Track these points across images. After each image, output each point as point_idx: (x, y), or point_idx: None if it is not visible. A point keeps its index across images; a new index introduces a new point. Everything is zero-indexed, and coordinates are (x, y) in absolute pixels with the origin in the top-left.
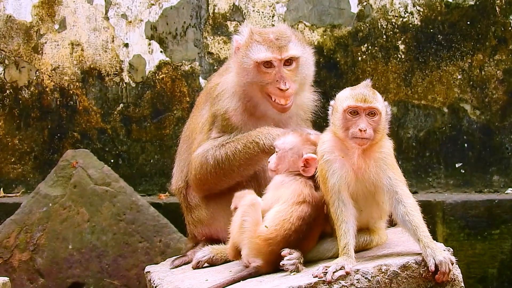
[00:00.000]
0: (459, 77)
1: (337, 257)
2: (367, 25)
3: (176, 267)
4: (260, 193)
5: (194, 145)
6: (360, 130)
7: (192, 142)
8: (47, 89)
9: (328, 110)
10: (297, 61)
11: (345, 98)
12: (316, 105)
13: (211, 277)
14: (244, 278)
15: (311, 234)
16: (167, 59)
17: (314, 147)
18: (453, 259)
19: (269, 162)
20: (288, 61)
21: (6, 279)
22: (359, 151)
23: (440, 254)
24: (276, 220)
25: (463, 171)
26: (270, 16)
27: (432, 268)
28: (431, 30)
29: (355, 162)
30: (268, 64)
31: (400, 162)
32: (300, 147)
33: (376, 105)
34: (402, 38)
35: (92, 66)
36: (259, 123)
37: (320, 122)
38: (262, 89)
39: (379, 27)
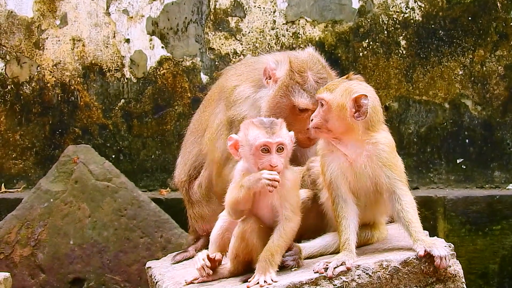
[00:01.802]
0: (460, 72)
1: (338, 252)
2: (368, 20)
3: (177, 262)
4: None
5: (214, 150)
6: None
7: (202, 137)
8: (48, 85)
9: None
10: None
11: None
12: None
13: None
14: None
15: None
16: (168, 54)
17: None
18: (449, 250)
19: (276, 166)
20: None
21: (7, 274)
22: (336, 143)
23: (431, 243)
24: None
25: (464, 167)
26: (271, 12)
27: (421, 253)
28: (432, 26)
29: (348, 155)
30: (304, 110)
31: (401, 158)
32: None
33: (322, 96)
34: (404, 34)
35: (93, 62)
36: None
37: None
38: (290, 129)
39: (380, 22)
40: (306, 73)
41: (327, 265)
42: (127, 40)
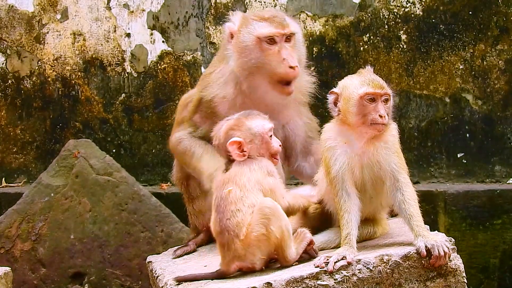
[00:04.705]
0: (461, 67)
1: (339, 247)
2: (369, 15)
3: (178, 257)
4: None
5: (177, 120)
6: (381, 116)
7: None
8: (49, 79)
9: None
10: (294, 38)
11: (359, 85)
12: (314, 88)
13: (212, 262)
14: None
15: None
16: (169, 49)
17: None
18: (449, 244)
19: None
20: (288, 38)
21: (8, 269)
22: (368, 137)
23: (432, 239)
24: None
25: (465, 161)
26: (272, 6)
27: (424, 252)
28: (433, 20)
29: (361, 147)
30: (271, 40)
31: (402, 152)
32: None
33: (390, 91)
34: (404, 28)
35: (94, 56)
36: (256, 108)
37: (322, 112)
38: (268, 74)
39: (381, 17)
40: (261, 12)
41: (327, 259)
42: (128, 35)
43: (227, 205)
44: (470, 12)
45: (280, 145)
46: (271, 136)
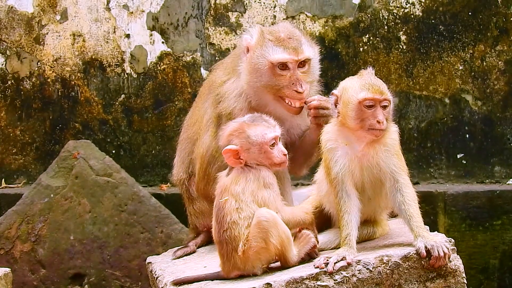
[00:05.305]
0: (460, 67)
1: (339, 248)
2: (369, 15)
3: (178, 258)
4: None
5: (200, 145)
6: (379, 122)
7: (194, 135)
8: (49, 80)
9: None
10: (309, 63)
11: (358, 89)
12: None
13: (211, 263)
14: None
15: None
16: (169, 50)
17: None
18: (449, 245)
19: (286, 153)
20: (302, 63)
21: (8, 270)
22: (367, 140)
23: (432, 240)
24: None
25: (465, 162)
26: (271, 7)
27: (423, 253)
28: (433, 21)
29: (361, 149)
30: (283, 66)
31: (401, 153)
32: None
33: (389, 96)
34: (404, 29)
35: (93, 57)
36: None
37: None
38: (275, 92)
39: (381, 17)
40: (278, 32)
41: (327, 260)
42: (128, 35)
43: (223, 216)
44: (470, 13)
45: (285, 154)
46: (273, 144)
